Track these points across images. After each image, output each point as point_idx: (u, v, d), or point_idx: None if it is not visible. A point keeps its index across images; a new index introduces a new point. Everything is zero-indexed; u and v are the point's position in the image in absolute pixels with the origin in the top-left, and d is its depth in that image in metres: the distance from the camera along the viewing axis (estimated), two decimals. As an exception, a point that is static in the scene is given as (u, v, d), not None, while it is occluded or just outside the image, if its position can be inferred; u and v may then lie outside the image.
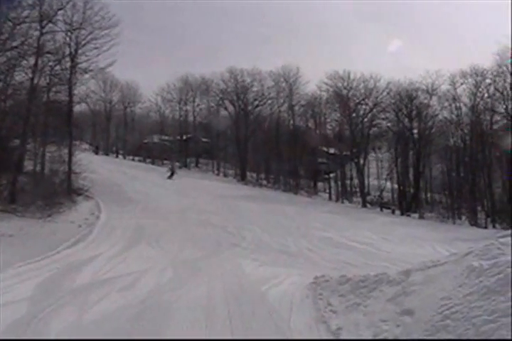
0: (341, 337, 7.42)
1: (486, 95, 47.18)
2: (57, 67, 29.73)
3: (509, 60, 31.32)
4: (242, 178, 55.26)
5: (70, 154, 28.93)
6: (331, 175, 55.07)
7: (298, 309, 9.25)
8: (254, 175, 57.07)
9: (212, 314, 8.73)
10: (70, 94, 31.28)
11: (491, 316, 5.45)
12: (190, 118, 63.48)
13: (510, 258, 6.24)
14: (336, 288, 9.87)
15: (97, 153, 57.65)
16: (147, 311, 8.73)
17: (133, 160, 59.68)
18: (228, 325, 8.03)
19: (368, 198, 51.28)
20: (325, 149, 55.90)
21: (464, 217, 45.63)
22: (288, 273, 13.79)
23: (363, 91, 53.75)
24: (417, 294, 7.27)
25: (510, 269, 5.90)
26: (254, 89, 58.96)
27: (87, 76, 32.84)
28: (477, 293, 6.02)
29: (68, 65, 30.68)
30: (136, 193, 31.42)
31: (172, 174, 42.57)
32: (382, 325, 7.06)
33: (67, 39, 30.46)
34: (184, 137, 61.50)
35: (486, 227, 40.87)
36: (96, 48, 30.97)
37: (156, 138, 62.59)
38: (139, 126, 65.09)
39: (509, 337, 3.67)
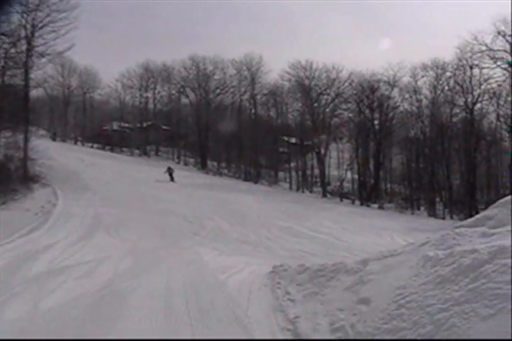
0: (298, 325, 7.43)
1: (446, 88, 47.98)
2: (13, 50, 28.85)
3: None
4: (202, 167, 55.08)
5: (26, 140, 28.23)
6: (292, 164, 55.27)
7: (256, 298, 9.24)
8: (215, 163, 56.93)
9: (171, 303, 8.66)
10: (26, 78, 30.45)
11: (444, 305, 5.52)
12: (151, 106, 62.95)
13: (464, 248, 6.34)
14: (294, 277, 9.91)
15: (54, 140, 56.46)
16: (104, 300, 8.60)
17: (92, 147, 58.67)
18: (186, 314, 7.95)
19: (329, 188, 51.66)
20: (286, 139, 56.03)
21: (422, 208, 46.48)
22: (247, 262, 13.79)
23: (325, 81, 54.07)
24: (373, 283, 7.33)
25: (464, 259, 5.99)
26: (216, 77, 58.81)
27: (44, 60, 31.96)
28: (432, 282, 6.08)
29: (24, 47, 29.81)
30: (95, 181, 30.98)
31: (171, 177, 39.13)
32: (339, 314, 7.09)
33: (23, 21, 29.48)
34: (144, 124, 60.71)
35: (444, 218, 41.68)
36: (54, 31, 30.16)
37: (115, 125, 61.66)
38: (98, 112, 63.93)
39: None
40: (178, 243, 17.46)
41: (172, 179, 38.21)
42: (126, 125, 61.62)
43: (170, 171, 38.82)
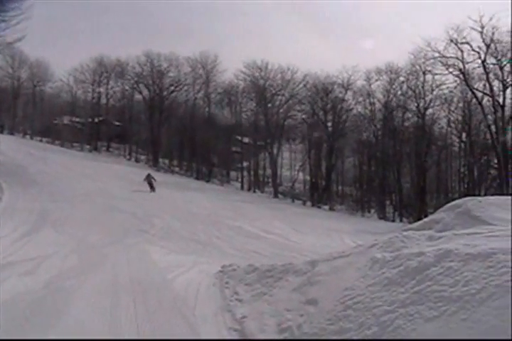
0: (245, 325, 7.41)
1: (399, 92, 48.87)
2: (-41, 40, 27.92)
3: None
4: (154, 164, 54.60)
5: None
6: (245, 164, 55.31)
7: (204, 297, 9.17)
8: (167, 161, 56.51)
9: (117, 301, 8.49)
10: (-28, 68, 29.56)
11: (390, 306, 5.58)
12: (103, 101, 62.03)
13: (411, 251, 6.43)
14: (242, 277, 9.87)
15: (1, 132, 54.98)
16: (48, 297, 8.38)
17: (41, 141, 57.40)
18: (133, 313, 7.84)
19: (280, 189, 51.91)
20: (239, 138, 56.02)
21: (372, 210, 47.14)
22: (196, 261, 13.68)
23: (279, 82, 54.36)
24: (321, 284, 7.36)
25: (410, 261, 6.07)
26: (171, 74, 58.45)
27: (-8, 50, 31.06)
28: (379, 284, 6.15)
29: (-29, 36, 28.91)
30: (43, 176, 30.33)
31: (151, 186, 33.99)
32: (287, 314, 7.10)
33: (-31, 9, 28.63)
34: (96, 120, 59.81)
35: (393, 221, 42.38)
36: (4, 21, 29.24)
37: (66, 120, 60.41)
38: (49, 106, 62.48)
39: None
40: (126, 240, 17.19)
41: (152, 188, 33.49)
42: (78, 120, 60.55)
43: (150, 179, 34.00)
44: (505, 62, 35.57)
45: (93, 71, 59.64)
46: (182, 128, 54.57)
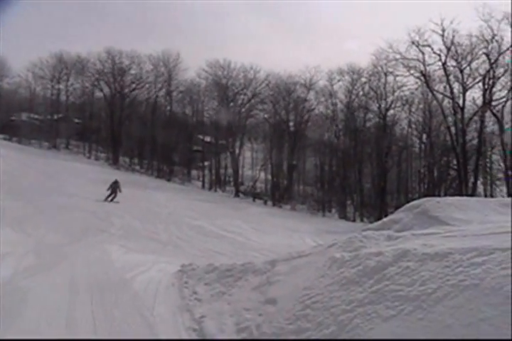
0: (204, 324, 7.37)
1: (361, 93, 49.37)
2: None
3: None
4: (114, 162, 53.97)
5: None
6: (206, 163, 55.14)
7: (163, 297, 9.09)
8: (127, 159, 55.93)
9: (74, 301, 8.36)
10: None
11: (348, 306, 5.62)
12: (63, 98, 60.96)
13: (370, 250, 6.48)
14: (202, 277, 9.82)
15: (-44, 129, 53.65)
16: (4, 297, 8.18)
17: (-3, 138, 56.16)
18: (90, 313, 7.72)
19: (242, 188, 51.91)
20: (201, 137, 55.82)
21: (333, 210, 47.45)
22: (156, 260, 13.55)
23: (242, 81, 54.34)
24: (281, 284, 7.38)
25: (369, 261, 6.12)
26: (132, 71, 57.89)
27: None
28: (337, 284, 6.18)
29: None
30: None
31: (112, 194, 28.22)
32: (245, 314, 7.09)
33: None
34: (55, 117, 58.73)
35: (354, 220, 42.76)
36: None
37: (24, 116, 59.14)
38: (6, 102, 60.99)
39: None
40: (85, 240, 16.91)
41: (112, 197, 27.96)
42: (36, 116, 59.38)
43: (114, 186, 28.41)
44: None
45: (53, 67, 58.59)
46: (143, 127, 54.07)
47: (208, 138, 55.38)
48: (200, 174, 54.89)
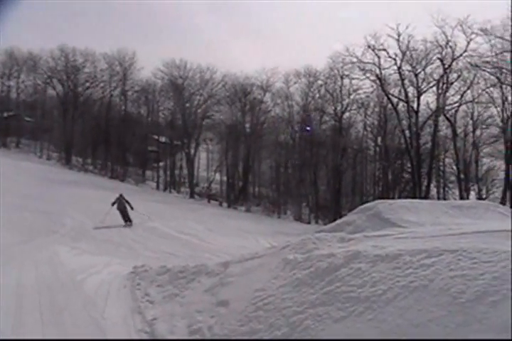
0: (155, 326, 7.30)
1: (317, 96, 49.65)
2: None
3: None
4: (66, 162, 53.04)
5: None
6: (161, 163, 54.71)
7: (114, 299, 8.98)
8: (80, 159, 55.02)
9: (21, 304, 8.19)
10: None
11: (300, 307, 5.64)
12: (14, 95, 59.49)
13: (322, 252, 6.53)
14: (154, 278, 9.73)
15: None
16: None
17: None
18: (38, 316, 7.57)
19: (197, 189, 51.68)
20: (156, 137, 55.34)
21: (289, 212, 47.60)
22: (108, 262, 13.37)
23: (198, 81, 54.05)
24: (233, 285, 7.36)
25: (321, 263, 6.16)
26: (86, 70, 56.88)
27: None
28: (290, 285, 6.21)
29: None
30: None
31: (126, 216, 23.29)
32: (197, 316, 7.05)
33: None
34: (5, 114, 57.21)
35: (309, 222, 43.00)
36: None
37: (-28, 114, 57.53)
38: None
39: None
40: (35, 241, 16.62)
41: (127, 220, 23.23)
42: (-15, 114, 57.75)
43: (122, 204, 23.42)
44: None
45: (3, 64, 57.09)
46: (97, 126, 53.27)
47: (163, 139, 54.95)
48: (154, 175, 54.39)
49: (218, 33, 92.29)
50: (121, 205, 23.45)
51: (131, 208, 23.65)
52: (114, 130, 52.31)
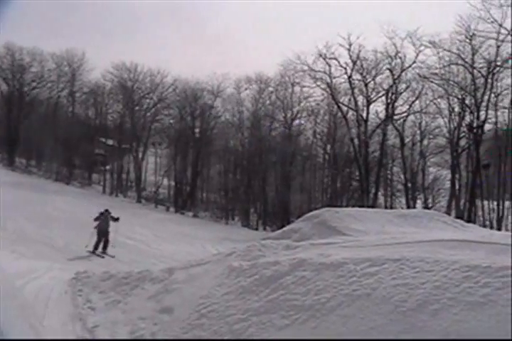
0: (96, 333, 7.15)
1: (267, 102, 49.70)
2: None
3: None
4: (9, 163, 51.63)
5: None
6: (108, 167, 53.82)
7: (55, 306, 8.76)
8: (24, 161, 53.65)
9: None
10: None
11: (244, 315, 5.62)
12: (-44, 93, 57.45)
13: (268, 259, 6.52)
14: (97, 285, 9.54)
15: None
16: None
17: None
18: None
19: (144, 193, 51.00)
20: (103, 140, 54.44)
21: (237, 218, 47.46)
22: (49, 267, 13.05)
23: (148, 85, 53.48)
24: (177, 292, 7.29)
25: (266, 270, 6.15)
26: (33, 69, 55.29)
27: None
28: (234, 293, 6.18)
29: None
30: None
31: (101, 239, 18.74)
32: (140, 323, 6.96)
33: None
34: None
35: (257, 229, 43.01)
36: None
37: None
38: None
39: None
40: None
41: (105, 245, 18.68)
42: None
43: (106, 223, 18.95)
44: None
45: None
46: (43, 127, 51.91)
47: (110, 142, 54.04)
48: (101, 178, 53.41)
49: (170, 37, 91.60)
50: (105, 225, 18.69)
51: (116, 219, 19.50)
52: (61, 131, 51.08)
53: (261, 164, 48.06)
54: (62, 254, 17.16)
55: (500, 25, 33.41)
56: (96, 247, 18.32)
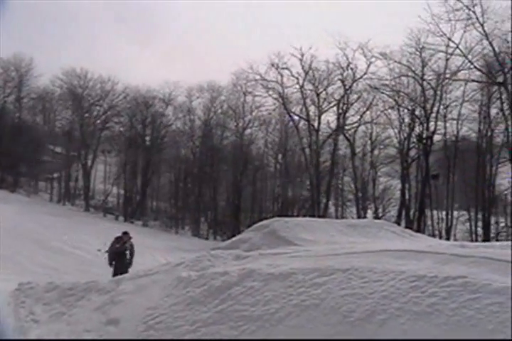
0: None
1: (219, 111, 49.66)
2: None
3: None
4: (-51, 170, 49.96)
5: None
6: (55, 175, 52.67)
7: (-4, 318, 8.43)
8: (-35, 167, 51.97)
9: None
10: None
11: (192, 326, 5.55)
12: None
13: (217, 270, 6.47)
14: (41, 296, 9.26)
15: None
16: None
17: None
18: None
19: (92, 202, 50.18)
20: (51, 147, 53.27)
21: (187, 227, 47.13)
22: (-9, 277, 12.62)
23: (99, 92, 52.65)
24: (124, 303, 7.14)
25: (215, 281, 6.10)
26: (-22, 74, 53.83)
27: None
28: (182, 304, 6.10)
29: None
30: None
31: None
32: (85, 335, 6.80)
33: None
34: None
35: (207, 238, 42.80)
36: None
37: None
38: None
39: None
40: None
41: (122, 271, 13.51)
42: None
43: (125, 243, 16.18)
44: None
45: None
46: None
47: (58, 149, 52.97)
48: (48, 186, 52.27)
49: (122, 44, 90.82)
50: (123, 248, 16.06)
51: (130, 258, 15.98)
52: (6, 138, 49.69)
53: (212, 173, 47.93)
54: (4, 264, 16.62)
55: (449, 39, 34.42)
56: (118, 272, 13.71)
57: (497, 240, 31.70)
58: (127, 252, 15.75)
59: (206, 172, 48.36)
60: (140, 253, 24.16)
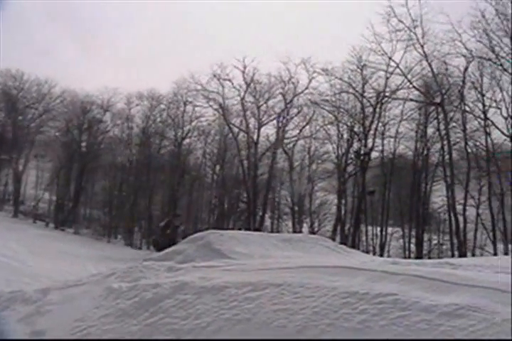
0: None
1: (158, 119, 49.09)
2: None
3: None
4: None
5: None
6: (-17, 178, 50.85)
7: None
8: None
9: None
10: None
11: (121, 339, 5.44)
12: None
13: (149, 281, 6.38)
14: (-38, 305, 8.87)
15: None
16: None
17: None
18: None
19: (22, 208, 48.61)
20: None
21: (120, 236, 46.29)
22: None
23: (34, 94, 51.27)
24: (52, 314, 6.93)
25: (146, 293, 6.01)
26: None
27: None
28: (112, 315, 5.97)
29: None
30: None
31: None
32: (8, 348, 6.52)
33: None
34: None
35: (140, 248, 42.14)
36: None
37: None
38: None
39: None
40: None
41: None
42: None
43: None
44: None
45: None
46: None
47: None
48: (-26, 190, 50.41)
49: (61, 47, 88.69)
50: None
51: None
52: None
53: (148, 182, 47.29)
54: None
55: (390, 58, 35.33)
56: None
57: (429, 257, 32.62)
58: None
59: (142, 180, 47.62)
60: (70, 261, 23.73)
